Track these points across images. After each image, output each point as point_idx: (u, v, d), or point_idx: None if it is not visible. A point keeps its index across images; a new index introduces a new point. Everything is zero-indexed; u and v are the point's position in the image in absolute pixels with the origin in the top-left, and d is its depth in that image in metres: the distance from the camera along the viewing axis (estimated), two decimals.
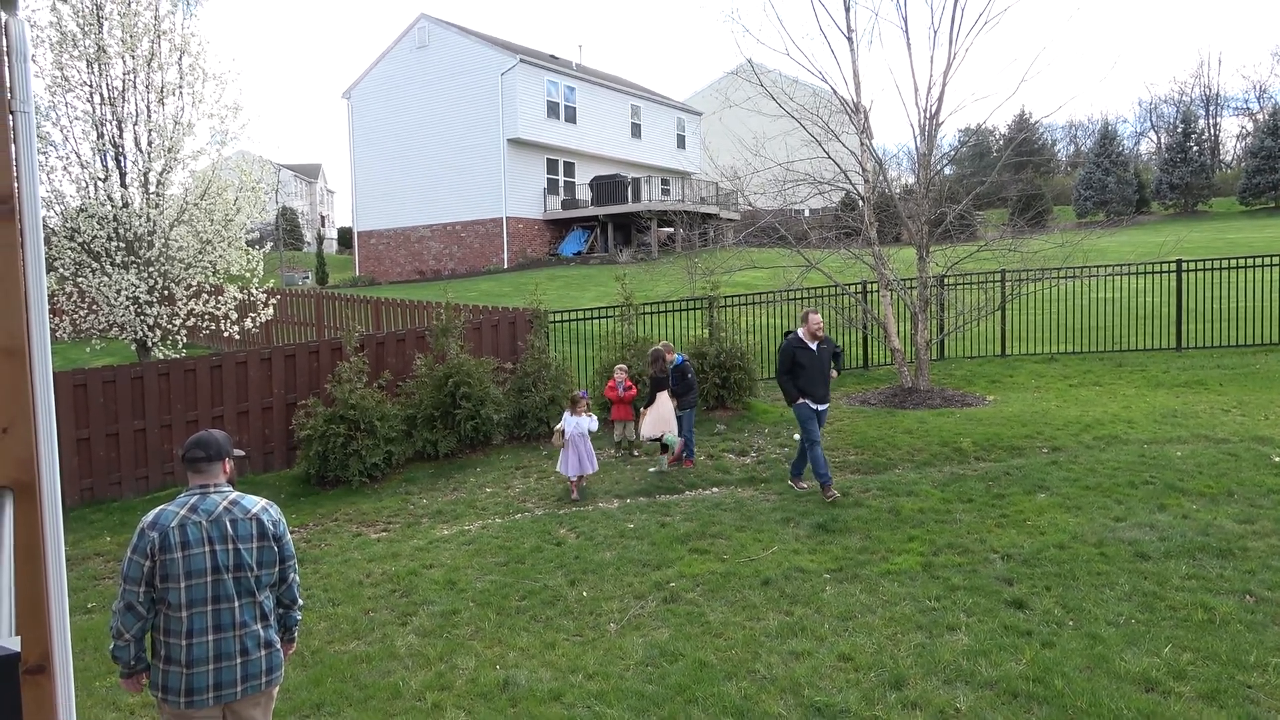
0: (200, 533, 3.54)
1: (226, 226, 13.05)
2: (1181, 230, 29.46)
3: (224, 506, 3.62)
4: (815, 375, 8.56)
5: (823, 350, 8.67)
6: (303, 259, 48.34)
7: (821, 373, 8.61)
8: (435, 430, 11.07)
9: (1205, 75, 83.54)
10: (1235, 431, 9.62)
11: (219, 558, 3.55)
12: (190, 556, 3.52)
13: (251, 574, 3.60)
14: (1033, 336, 15.38)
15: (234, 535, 3.57)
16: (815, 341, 8.63)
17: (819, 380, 8.60)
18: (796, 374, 8.59)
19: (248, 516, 3.63)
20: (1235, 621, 5.45)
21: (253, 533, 3.62)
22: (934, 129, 12.91)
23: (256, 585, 3.62)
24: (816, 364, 8.58)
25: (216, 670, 3.55)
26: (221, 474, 3.73)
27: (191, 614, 3.52)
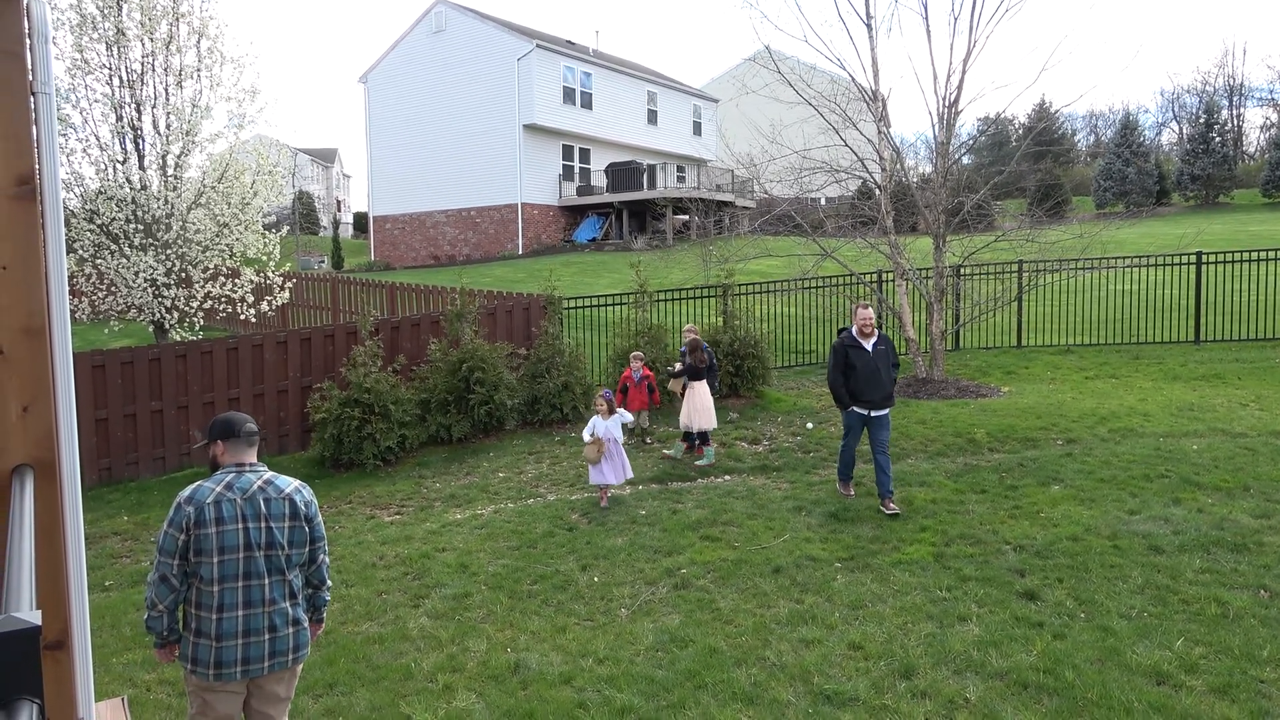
0: (234, 509, 3.61)
1: (243, 210, 13.12)
2: (1202, 222, 29.15)
3: (258, 485, 3.70)
4: (868, 377, 7.78)
5: (878, 351, 7.87)
6: (318, 243, 48.54)
7: (875, 375, 7.79)
8: (449, 415, 11.12)
9: (1229, 65, 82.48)
10: (1253, 426, 9.54)
11: (251, 535, 3.62)
12: (224, 532, 3.59)
13: (282, 552, 3.67)
14: (1049, 328, 15.28)
15: (267, 514, 3.65)
16: (869, 339, 7.89)
17: (873, 383, 7.78)
18: (848, 375, 7.89)
19: (281, 496, 3.70)
20: (1249, 616, 5.42)
21: (285, 512, 3.69)
22: (953, 117, 12.81)
23: (286, 564, 3.70)
24: (870, 365, 7.79)
25: (245, 645, 3.63)
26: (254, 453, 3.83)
27: (223, 589, 3.60)
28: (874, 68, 12.99)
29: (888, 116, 13.39)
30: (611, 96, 35.83)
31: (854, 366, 7.86)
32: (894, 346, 8.14)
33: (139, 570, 7.59)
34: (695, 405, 9.76)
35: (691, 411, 9.76)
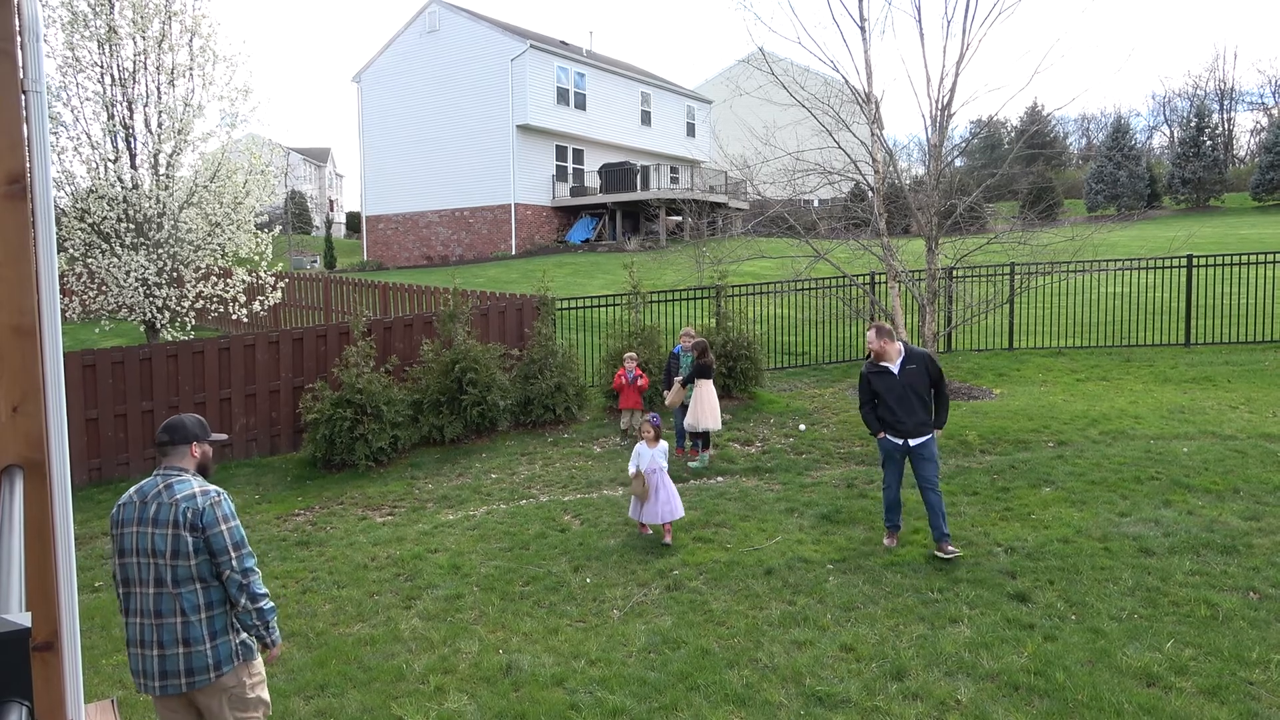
0: (133, 513, 3.59)
1: (235, 209, 13.08)
2: (1193, 225, 29.30)
3: (159, 489, 3.58)
4: (897, 401, 6.86)
5: (909, 371, 6.86)
6: (311, 243, 48.41)
7: (904, 399, 6.83)
8: (441, 415, 11.10)
9: (1220, 69, 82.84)
10: (1242, 428, 9.59)
11: (140, 540, 3.55)
12: (123, 535, 3.60)
13: (163, 561, 3.50)
14: (1041, 330, 15.33)
15: (154, 519, 3.53)
16: (894, 360, 6.93)
17: (903, 408, 6.83)
18: (877, 403, 7.03)
19: (171, 501, 3.53)
20: (1238, 618, 5.45)
21: (169, 519, 3.50)
22: (945, 120, 12.84)
23: (170, 576, 3.50)
24: (896, 388, 6.86)
25: (138, 656, 3.59)
26: (187, 458, 3.71)
27: (126, 592, 3.64)
28: (867, 70, 13.02)
29: (881, 119, 13.42)
30: (605, 97, 35.83)
31: (878, 393, 6.98)
32: (934, 363, 6.96)
33: None
34: (703, 406, 9.70)
35: (699, 412, 9.70)
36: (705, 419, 9.71)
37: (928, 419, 6.88)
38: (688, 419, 9.81)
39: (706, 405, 9.72)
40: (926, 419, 6.86)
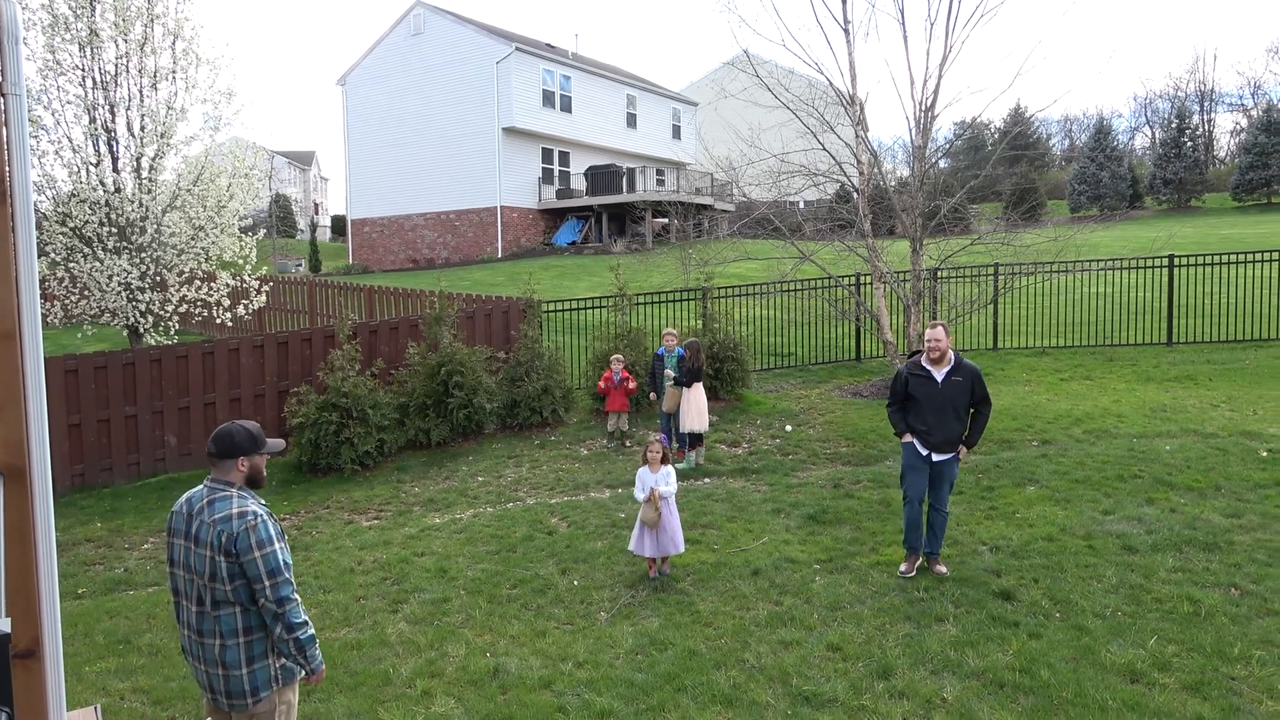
0: (181, 524, 3.54)
1: (219, 213, 12.99)
2: (1174, 225, 29.56)
3: (204, 504, 3.50)
4: (933, 411, 6.32)
5: (953, 383, 6.31)
6: (296, 246, 48.18)
7: (942, 411, 6.30)
8: (428, 419, 11.07)
9: (1200, 71, 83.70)
10: (1224, 426, 9.68)
11: (185, 555, 3.52)
12: (172, 545, 3.60)
13: (202, 582, 3.44)
14: (1025, 330, 15.43)
15: (195, 536, 3.47)
16: (940, 367, 6.37)
17: (938, 420, 6.31)
18: (908, 408, 6.49)
19: (210, 521, 3.44)
20: (1220, 614, 5.50)
21: (207, 540, 3.42)
22: (929, 122, 12.91)
23: (210, 598, 3.44)
24: (937, 399, 6.30)
25: (192, 666, 3.60)
26: (234, 472, 3.56)
27: (175, 602, 3.65)
28: (851, 72, 13.08)
29: (865, 121, 13.48)
30: (591, 100, 35.84)
31: (914, 398, 6.41)
32: (981, 381, 6.41)
33: (112, 578, 7.50)
34: (693, 407, 9.78)
35: (688, 413, 9.77)
36: (693, 420, 9.76)
37: (957, 437, 6.37)
38: (681, 421, 9.85)
39: (694, 407, 9.77)
40: (956, 437, 6.36)
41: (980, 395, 6.40)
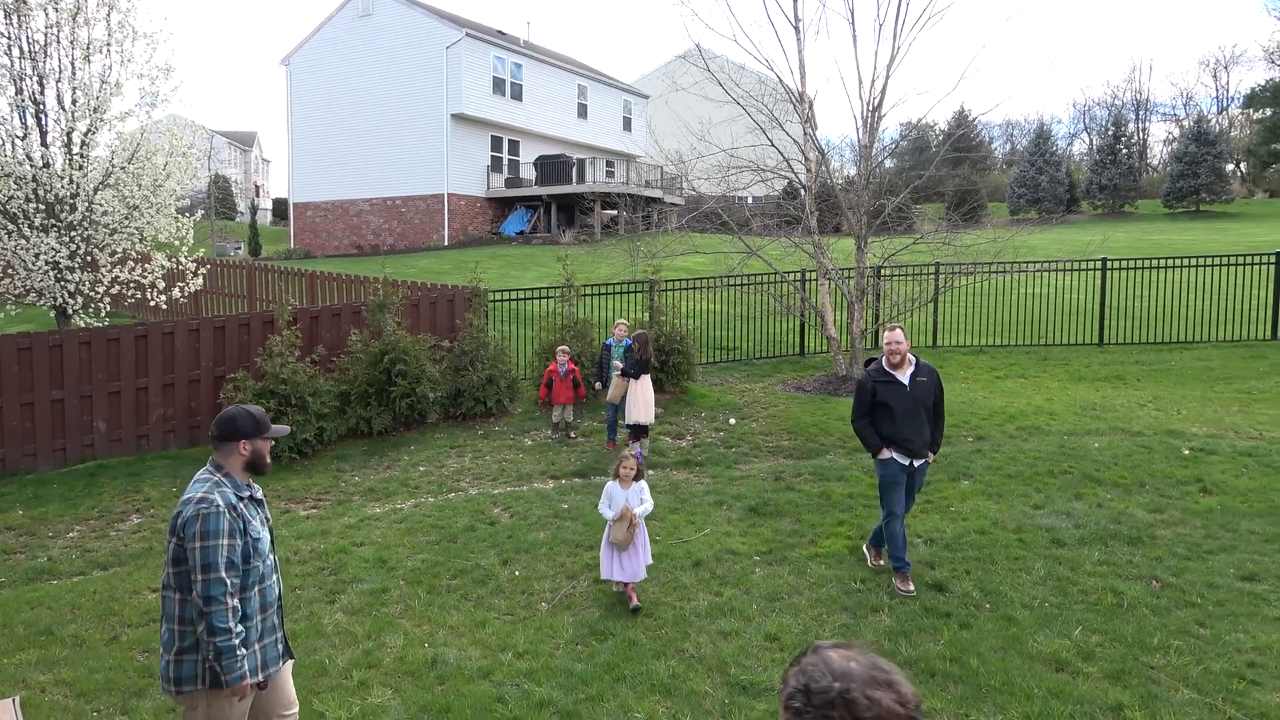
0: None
1: (155, 192, 12.61)
2: (1108, 230, 30.46)
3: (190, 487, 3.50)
4: (906, 417, 6.10)
5: (919, 384, 6.14)
6: (235, 229, 47.01)
7: (914, 415, 6.10)
8: (369, 407, 10.91)
9: (1137, 81, 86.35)
10: (1150, 425, 10.02)
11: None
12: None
13: (165, 560, 3.43)
14: (963, 328, 15.77)
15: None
16: (904, 370, 6.17)
17: (911, 425, 6.09)
18: (878, 417, 6.20)
19: (181, 502, 3.43)
20: (1142, 606, 5.71)
21: (172, 521, 3.42)
22: (876, 121, 13.10)
23: (162, 574, 3.43)
24: (907, 403, 6.10)
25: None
26: (233, 456, 3.52)
27: None
28: (801, 70, 13.20)
29: (814, 118, 13.62)
30: (542, 89, 35.58)
31: (885, 405, 6.13)
32: (939, 381, 6.27)
33: (34, 567, 7.25)
34: (639, 399, 9.80)
35: (634, 405, 9.79)
36: (639, 413, 9.79)
37: (929, 439, 6.18)
38: (625, 412, 9.88)
39: (641, 399, 9.81)
40: (929, 439, 6.17)
41: (939, 397, 6.26)
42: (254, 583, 3.46)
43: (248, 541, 3.41)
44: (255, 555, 3.44)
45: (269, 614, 3.55)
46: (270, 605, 3.55)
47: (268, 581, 3.54)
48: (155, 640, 5.80)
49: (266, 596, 3.53)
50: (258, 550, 3.45)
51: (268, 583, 3.54)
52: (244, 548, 3.40)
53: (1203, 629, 5.39)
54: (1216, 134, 45.30)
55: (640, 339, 10.08)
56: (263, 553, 3.49)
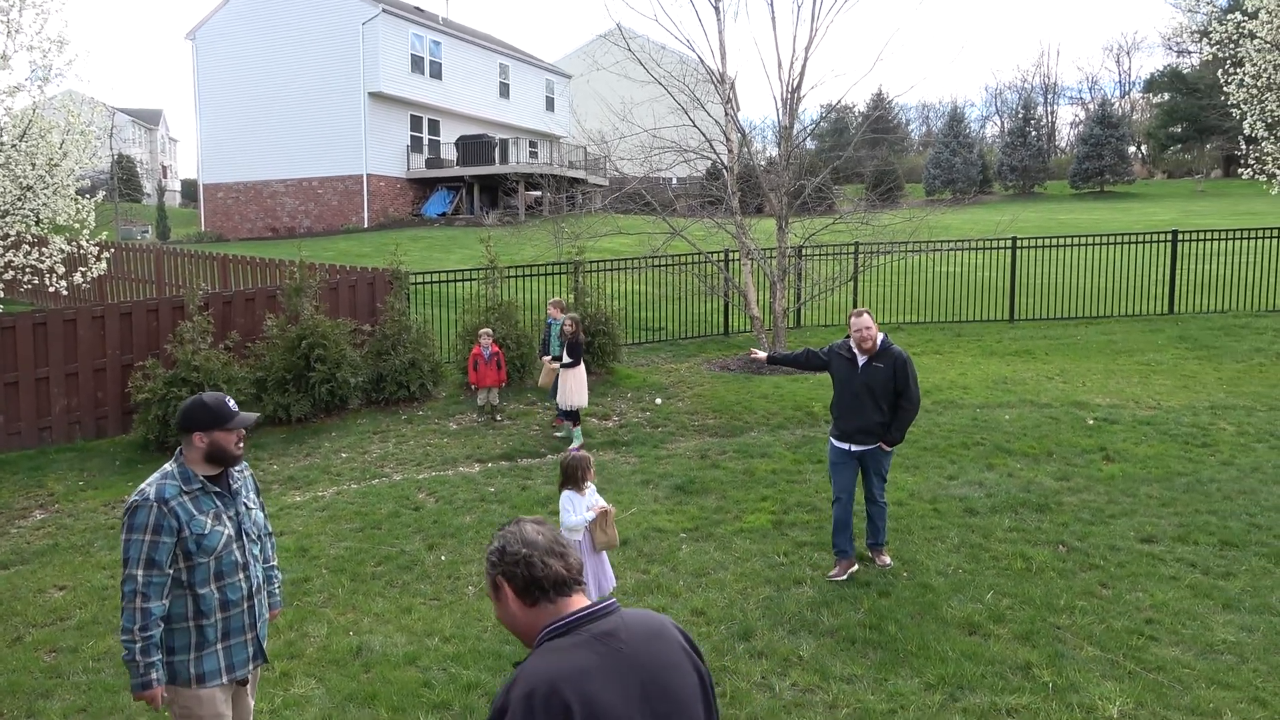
0: None
1: (51, 172, 11.96)
2: (1019, 210, 31.50)
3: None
4: (848, 401, 5.95)
5: (873, 370, 5.88)
6: (142, 211, 45.10)
7: (856, 400, 5.90)
8: (287, 394, 10.63)
9: (1045, 65, 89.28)
10: (1057, 397, 10.44)
11: None
12: None
13: None
14: (882, 306, 16.14)
15: None
16: (865, 355, 5.93)
17: (853, 409, 5.93)
18: (807, 358, 6.35)
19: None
20: (1049, 569, 5.97)
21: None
22: (796, 103, 13.25)
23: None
24: (853, 385, 5.92)
25: None
26: (191, 447, 3.31)
27: None
28: (721, 51, 13.26)
29: (735, 99, 13.71)
30: (462, 67, 34.94)
31: (839, 380, 6.04)
32: (905, 369, 5.87)
33: None
34: (574, 383, 9.72)
35: (570, 389, 9.70)
36: (572, 396, 9.72)
37: (875, 427, 5.92)
38: (560, 397, 9.79)
39: (575, 382, 9.71)
40: (873, 426, 5.92)
41: (901, 386, 5.85)
42: (204, 580, 3.26)
43: (186, 538, 3.21)
44: (201, 552, 3.24)
45: (232, 613, 3.34)
46: (235, 604, 3.35)
47: (229, 579, 3.32)
48: (61, 640, 5.59)
49: (228, 595, 3.32)
50: (202, 546, 3.24)
51: (229, 580, 3.33)
52: (181, 544, 3.21)
53: (1105, 589, 5.67)
54: (1119, 117, 47.25)
55: (574, 322, 10.00)
56: (210, 549, 3.25)
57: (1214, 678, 4.60)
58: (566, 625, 1.98)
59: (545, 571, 2.02)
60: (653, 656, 2.01)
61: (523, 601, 2.04)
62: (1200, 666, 4.72)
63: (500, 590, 2.06)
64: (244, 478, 3.55)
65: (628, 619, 2.06)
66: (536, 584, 2.02)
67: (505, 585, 2.04)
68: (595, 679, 1.89)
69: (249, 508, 3.49)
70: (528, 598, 2.03)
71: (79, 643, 5.51)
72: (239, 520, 3.41)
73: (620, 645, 1.97)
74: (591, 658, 1.92)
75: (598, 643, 1.96)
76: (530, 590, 2.03)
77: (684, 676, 2.05)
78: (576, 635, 1.96)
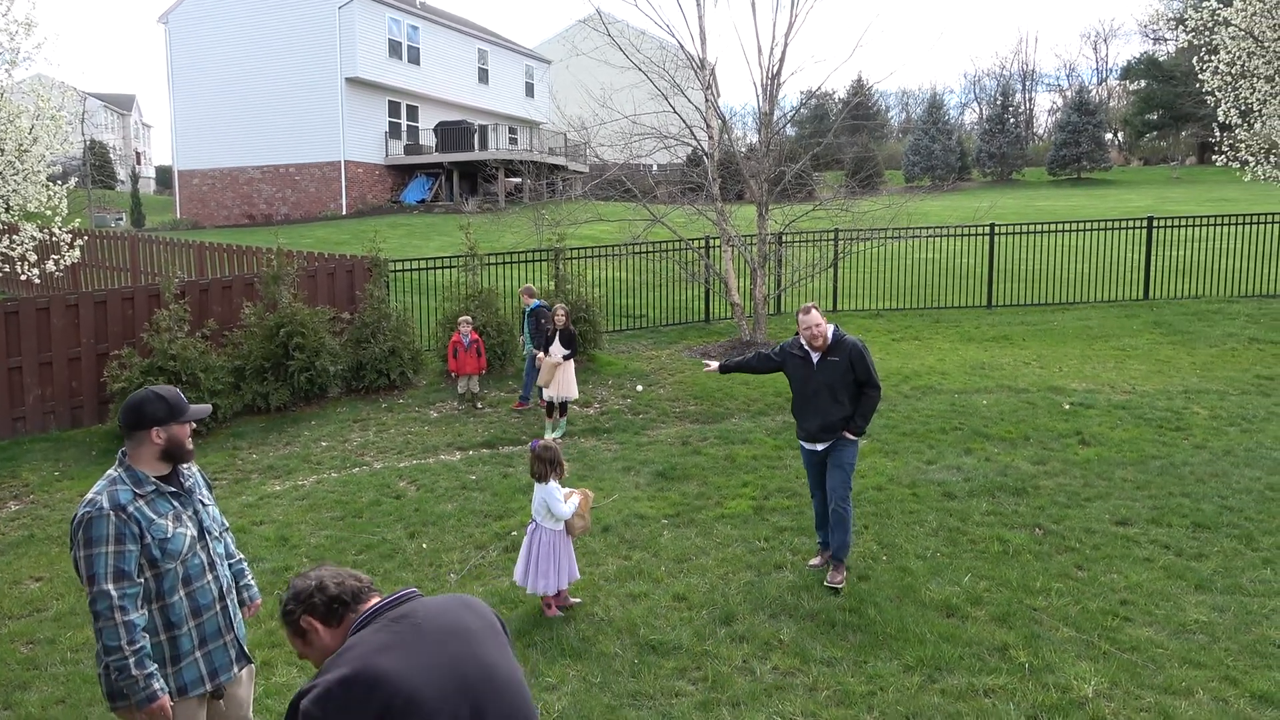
0: None
1: (21, 158, 11.79)
2: (997, 196, 31.68)
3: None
4: (807, 398, 5.77)
5: (829, 364, 5.67)
6: (116, 199, 44.46)
7: (815, 397, 5.72)
8: (266, 382, 10.55)
9: (1023, 52, 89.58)
10: (1034, 382, 10.55)
11: None
12: None
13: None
14: (861, 293, 16.21)
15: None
16: (818, 347, 5.72)
17: (811, 406, 5.75)
18: (759, 362, 6.23)
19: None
20: (1025, 552, 6.04)
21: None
22: (776, 89, 13.25)
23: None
24: (810, 382, 5.73)
25: None
26: (145, 444, 3.13)
27: None
28: (701, 36, 13.23)
29: (716, 85, 13.70)
30: (441, 53, 34.64)
31: (792, 379, 5.90)
32: (863, 359, 5.66)
33: None
34: (566, 375, 9.60)
35: (566, 381, 9.57)
36: (566, 388, 9.59)
37: (839, 421, 5.70)
38: (549, 390, 9.59)
39: (567, 374, 9.60)
40: (837, 421, 5.70)
41: (863, 372, 5.65)
42: (172, 587, 3.09)
43: (149, 544, 3.03)
44: (166, 557, 3.06)
45: (205, 618, 3.18)
46: (206, 609, 3.18)
47: (197, 583, 3.15)
48: (38, 631, 5.55)
49: (198, 600, 3.15)
50: (167, 551, 3.06)
51: (197, 584, 3.16)
52: (144, 551, 3.03)
53: (1081, 571, 5.75)
54: (1096, 104, 47.56)
55: (565, 311, 9.87)
56: (176, 553, 3.08)
57: (1186, 657, 4.68)
58: (365, 620, 2.16)
59: (340, 588, 2.21)
60: (453, 633, 2.15)
61: (329, 625, 2.19)
62: (1173, 646, 4.80)
63: (308, 632, 2.21)
64: (194, 474, 3.36)
65: (426, 601, 2.21)
66: (337, 600, 2.19)
67: (311, 621, 2.19)
68: (394, 652, 2.03)
69: (205, 504, 3.33)
70: (333, 619, 2.19)
71: (56, 634, 5.47)
72: (199, 519, 3.24)
73: (418, 622, 2.13)
74: (390, 637, 2.08)
75: (394, 624, 2.12)
76: (333, 609, 2.19)
77: (487, 637, 2.22)
78: (376, 624, 2.13)
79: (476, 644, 2.16)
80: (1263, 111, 13.56)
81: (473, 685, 2.07)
